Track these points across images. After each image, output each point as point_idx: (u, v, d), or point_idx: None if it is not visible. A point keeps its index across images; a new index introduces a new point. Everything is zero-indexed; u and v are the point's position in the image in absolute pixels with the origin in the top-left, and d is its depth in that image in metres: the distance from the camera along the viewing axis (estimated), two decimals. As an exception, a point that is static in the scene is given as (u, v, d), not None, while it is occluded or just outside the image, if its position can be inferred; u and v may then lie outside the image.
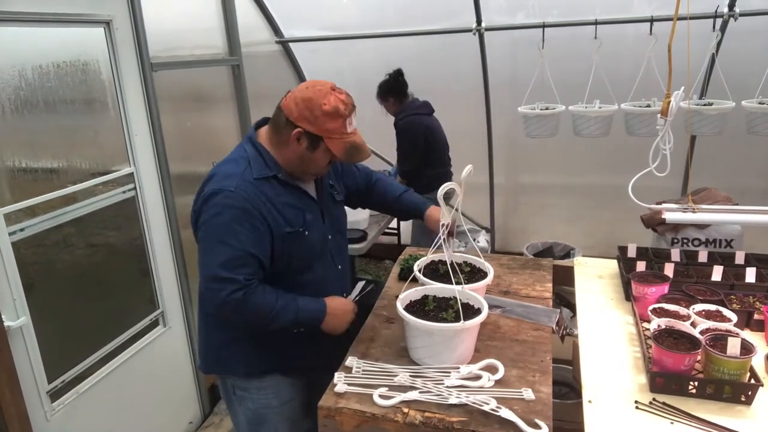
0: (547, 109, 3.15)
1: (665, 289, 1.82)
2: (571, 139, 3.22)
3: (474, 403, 1.40)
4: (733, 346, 1.40)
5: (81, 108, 2.15)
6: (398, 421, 1.40)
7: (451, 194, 1.65)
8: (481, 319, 1.56)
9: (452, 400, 1.43)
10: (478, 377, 1.53)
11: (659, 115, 2.03)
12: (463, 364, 1.57)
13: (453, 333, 1.53)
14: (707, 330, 1.55)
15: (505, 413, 1.36)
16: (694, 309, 1.69)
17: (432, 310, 1.63)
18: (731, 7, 3.05)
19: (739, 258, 2.08)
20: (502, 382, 1.52)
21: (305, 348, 1.73)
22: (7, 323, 1.77)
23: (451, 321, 1.53)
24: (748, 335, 1.63)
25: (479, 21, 3.55)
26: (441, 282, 1.74)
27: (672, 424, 1.34)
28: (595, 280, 2.16)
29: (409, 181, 3.75)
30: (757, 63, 2.89)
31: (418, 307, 1.66)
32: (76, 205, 2.09)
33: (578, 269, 2.26)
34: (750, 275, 1.95)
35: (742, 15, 3.04)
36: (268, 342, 1.68)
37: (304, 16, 3.97)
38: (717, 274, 1.95)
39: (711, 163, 3.51)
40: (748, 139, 2.95)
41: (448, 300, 1.68)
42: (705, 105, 2.92)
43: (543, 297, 2.04)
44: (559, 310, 1.92)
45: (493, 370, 1.56)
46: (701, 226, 2.91)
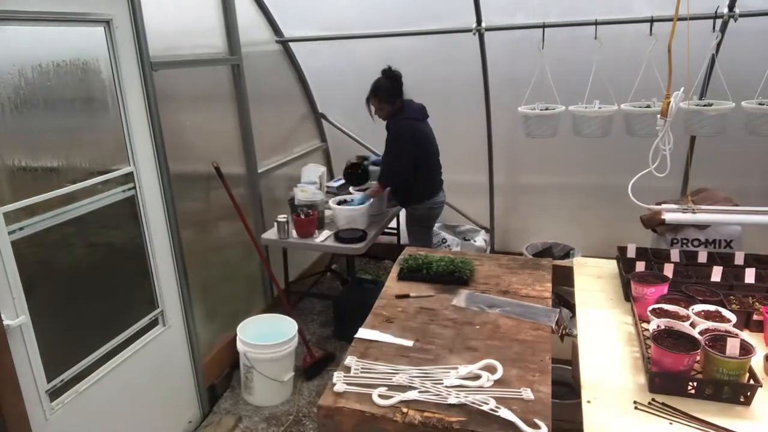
0: (547, 109, 3.15)
1: (665, 289, 1.82)
2: (571, 139, 3.21)
3: (473, 403, 1.40)
4: (732, 347, 1.40)
5: (81, 107, 2.15)
6: (397, 420, 1.40)
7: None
8: None
9: (451, 400, 1.43)
10: (477, 377, 1.53)
11: (659, 116, 2.03)
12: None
13: None
14: (706, 330, 1.55)
15: (505, 413, 1.37)
16: (693, 309, 1.69)
17: None
18: (731, 7, 3.05)
19: (739, 258, 2.08)
20: (501, 382, 1.52)
21: None
22: (6, 322, 1.77)
23: None
24: (747, 336, 1.63)
25: (479, 21, 3.54)
26: None
27: (671, 424, 1.34)
28: (595, 280, 2.16)
29: (395, 191, 3.57)
30: (757, 63, 2.89)
31: None
32: (76, 204, 2.09)
33: (578, 269, 2.26)
34: (749, 276, 1.95)
35: (742, 15, 3.04)
36: None
37: (304, 16, 3.97)
38: (716, 274, 1.95)
39: (711, 164, 3.50)
40: (748, 140, 2.94)
41: None
42: (705, 105, 2.91)
43: (542, 297, 2.05)
44: (558, 310, 1.92)
45: (493, 370, 1.56)
46: (701, 227, 2.91)
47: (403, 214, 3.92)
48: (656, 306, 1.72)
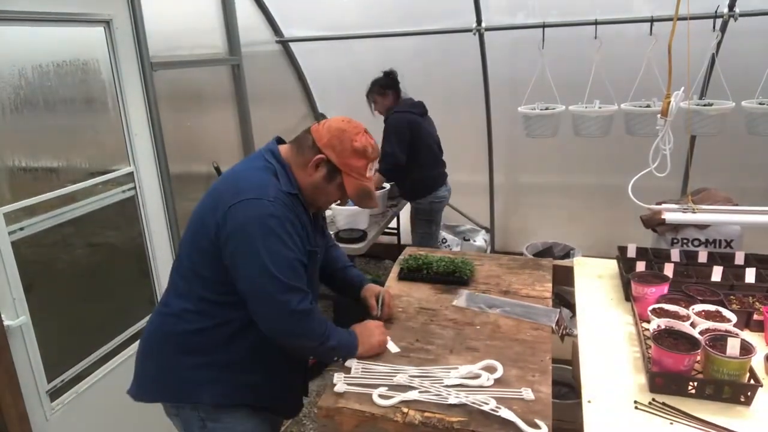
0: (547, 109, 3.15)
1: (665, 289, 1.82)
2: (571, 139, 3.22)
3: (473, 403, 1.40)
4: (732, 347, 1.40)
5: (81, 107, 2.15)
6: (398, 421, 1.40)
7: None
8: None
9: (452, 400, 1.43)
10: (477, 377, 1.53)
11: (659, 116, 2.03)
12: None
13: None
14: (707, 330, 1.55)
15: (505, 413, 1.36)
16: (693, 309, 1.69)
17: None
18: (731, 7, 3.05)
19: (739, 258, 2.08)
20: (501, 382, 1.52)
21: (276, 383, 1.66)
22: (6, 322, 1.77)
23: None
24: (747, 336, 1.63)
25: (479, 21, 3.55)
26: None
27: (671, 424, 1.34)
28: (595, 280, 2.16)
29: (396, 182, 3.68)
30: (757, 63, 2.89)
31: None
32: (76, 204, 2.09)
33: (578, 269, 2.26)
34: (750, 276, 1.95)
35: (742, 15, 3.04)
36: (242, 372, 1.58)
37: (304, 16, 3.97)
38: (717, 274, 1.95)
39: (711, 163, 3.50)
40: (748, 139, 2.95)
41: None
42: (705, 105, 2.91)
43: (543, 297, 2.04)
44: (558, 310, 1.92)
45: (493, 370, 1.56)
46: (701, 227, 2.91)
47: (404, 213, 3.92)
48: (656, 306, 1.72)
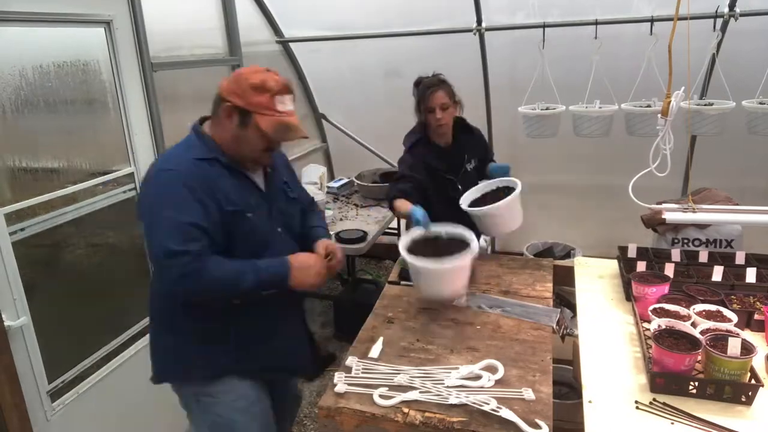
0: (547, 109, 3.15)
1: (665, 289, 1.82)
2: (571, 139, 3.22)
3: (474, 403, 1.40)
4: (733, 347, 1.40)
5: (81, 108, 2.15)
6: (398, 421, 1.40)
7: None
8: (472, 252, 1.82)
9: (452, 400, 1.43)
10: (478, 377, 1.53)
11: (659, 115, 2.03)
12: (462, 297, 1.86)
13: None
14: (708, 330, 1.55)
15: (506, 413, 1.37)
16: (694, 309, 1.69)
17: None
18: (731, 7, 3.05)
19: (740, 258, 2.08)
20: (502, 382, 1.52)
21: (257, 347, 1.69)
22: (7, 323, 1.77)
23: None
24: (748, 335, 1.63)
25: (479, 21, 3.55)
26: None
27: (672, 424, 1.34)
28: (596, 280, 2.16)
29: None
30: (757, 63, 2.89)
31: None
32: (77, 205, 2.09)
33: (578, 269, 2.26)
34: (750, 275, 1.95)
35: (742, 15, 3.04)
36: (220, 341, 1.64)
37: (305, 16, 3.97)
38: (717, 274, 1.95)
39: (711, 163, 3.50)
40: (748, 139, 2.95)
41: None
42: (705, 105, 2.91)
43: (543, 297, 2.05)
44: (559, 310, 1.92)
45: (493, 370, 1.56)
46: (701, 226, 2.90)
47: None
48: (657, 306, 1.72)
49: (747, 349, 1.42)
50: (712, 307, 1.70)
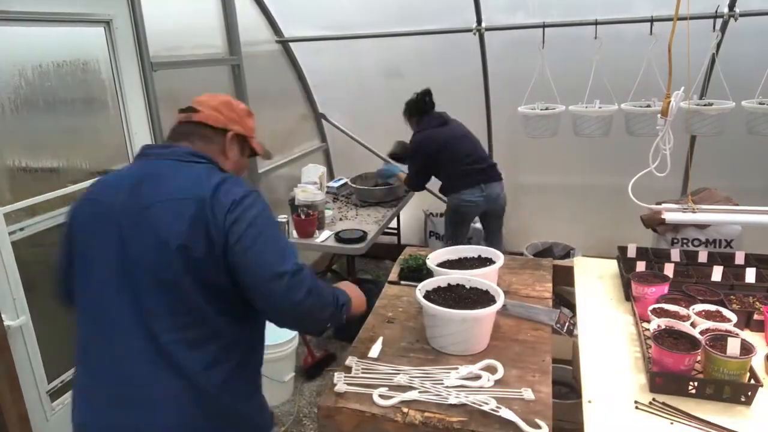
0: (547, 109, 3.15)
1: (665, 289, 1.82)
2: (571, 139, 3.22)
3: (474, 403, 1.40)
4: (733, 347, 1.40)
5: (81, 107, 2.15)
6: (398, 421, 1.40)
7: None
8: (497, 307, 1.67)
9: (452, 400, 1.43)
10: (477, 377, 1.53)
11: (659, 115, 2.03)
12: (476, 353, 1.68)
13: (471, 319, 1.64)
14: (707, 330, 1.55)
15: (505, 413, 1.37)
16: (693, 309, 1.69)
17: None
18: (731, 7, 3.05)
19: (739, 258, 2.08)
20: (501, 382, 1.52)
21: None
22: (7, 323, 1.77)
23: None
24: (748, 335, 1.63)
25: (479, 21, 3.55)
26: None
27: (672, 424, 1.34)
28: (595, 280, 2.16)
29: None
30: (757, 63, 2.89)
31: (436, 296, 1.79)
32: (76, 204, 2.09)
33: (578, 269, 2.26)
34: (750, 275, 1.95)
35: (742, 15, 3.04)
36: (257, 368, 1.52)
37: (304, 16, 3.97)
38: (717, 274, 1.95)
39: (711, 163, 3.50)
40: (748, 139, 2.95)
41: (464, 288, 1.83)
42: (705, 105, 2.91)
43: (543, 297, 2.05)
44: (558, 310, 1.92)
45: (493, 370, 1.56)
46: (701, 227, 2.91)
47: (405, 213, 3.92)
48: (657, 306, 1.72)
49: (746, 349, 1.42)
50: (712, 307, 1.70)
